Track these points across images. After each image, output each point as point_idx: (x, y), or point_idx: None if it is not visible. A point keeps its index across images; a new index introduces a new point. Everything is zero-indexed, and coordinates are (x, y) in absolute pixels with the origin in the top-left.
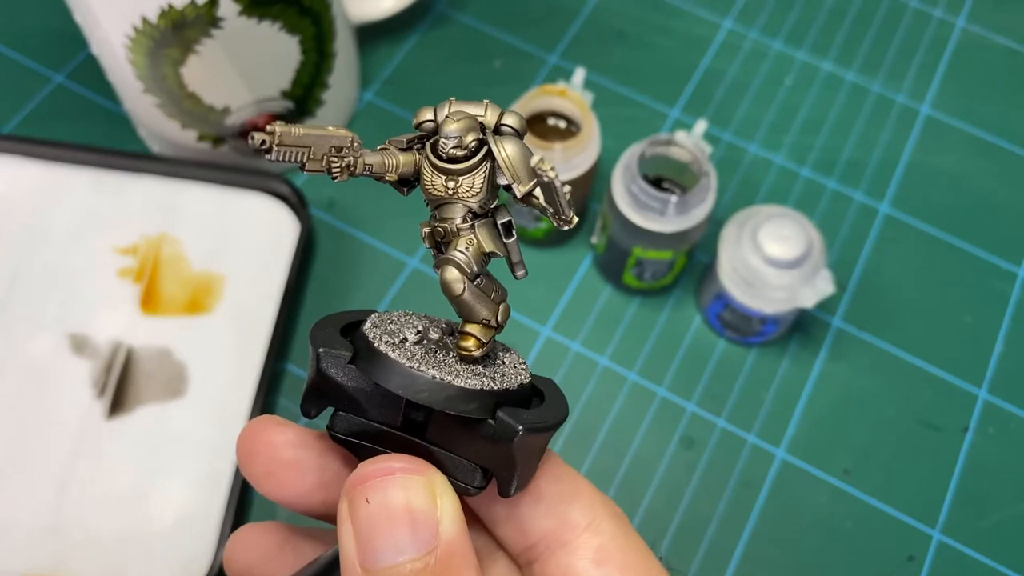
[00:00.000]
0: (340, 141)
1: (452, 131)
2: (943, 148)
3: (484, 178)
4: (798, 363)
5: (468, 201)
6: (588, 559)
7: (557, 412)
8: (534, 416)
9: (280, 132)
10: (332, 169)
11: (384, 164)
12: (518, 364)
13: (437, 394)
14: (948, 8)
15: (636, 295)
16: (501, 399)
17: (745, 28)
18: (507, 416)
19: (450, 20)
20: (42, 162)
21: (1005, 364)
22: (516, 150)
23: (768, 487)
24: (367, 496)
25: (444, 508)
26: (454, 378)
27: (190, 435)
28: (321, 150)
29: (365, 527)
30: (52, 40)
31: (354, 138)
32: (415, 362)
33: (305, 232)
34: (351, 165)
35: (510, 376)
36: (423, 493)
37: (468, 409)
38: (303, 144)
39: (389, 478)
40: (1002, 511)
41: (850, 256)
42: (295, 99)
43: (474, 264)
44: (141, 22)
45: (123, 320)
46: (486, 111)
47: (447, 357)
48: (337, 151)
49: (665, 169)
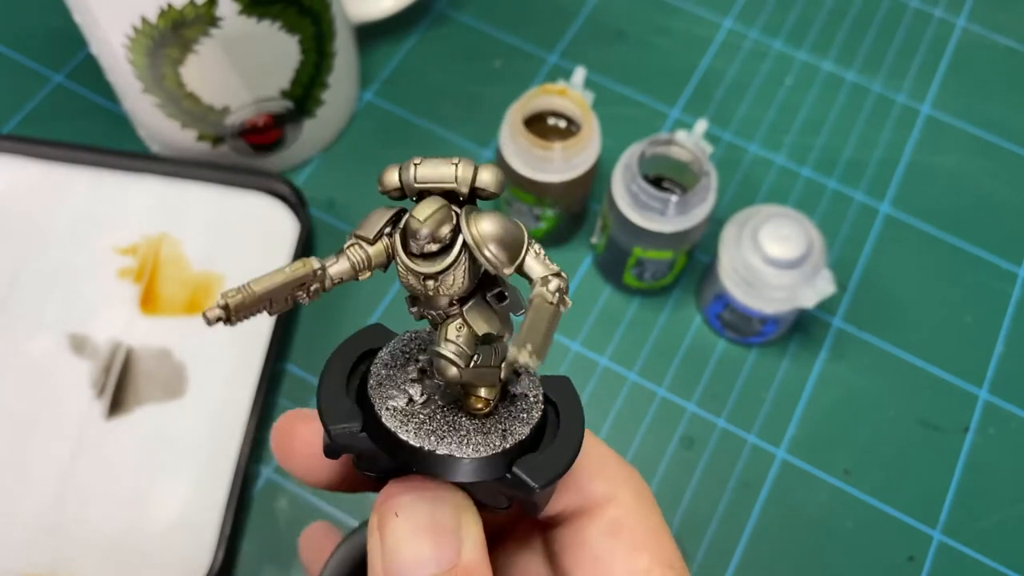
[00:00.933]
0: (300, 279)
1: (421, 231)
2: (944, 148)
3: (464, 271)
4: (798, 363)
5: (451, 293)
6: (602, 530)
7: (572, 444)
8: (547, 464)
9: (233, 304)
10: (299, 302)
11: (352, 268)
12: (530, 390)
13: (450, 469)
14: (948, 8)
15: (636, 295)
16: (515, 455)
17: (745, 28)
18: (522, 473)
19: (450, 20)
20: (41, 162)
21: (1005, 364)
22: (493, 230)
23: (768, 487)
24: (396, 510)
25: (467, 531)
26: (466, 447)
27: (189, 435)
28: (283, 294)
29: (392, 540)
30: (51, 40)
31: (316, 269)
32: (422, 437)
33: (305, 232)
34: (319, 289)
35: (520, 419)
36: (449, 513)
37: (482, 476)
38: (261, 302)
39: (418, 494)
40: (1002, 511)
41: (850, 256)
42: (294, 99)
43: (467, 350)
44: (140, 22)
45: (123, 320)
46: (457, 171)
47: (456, 414)
48: (301, 286)
49: (665, 169)
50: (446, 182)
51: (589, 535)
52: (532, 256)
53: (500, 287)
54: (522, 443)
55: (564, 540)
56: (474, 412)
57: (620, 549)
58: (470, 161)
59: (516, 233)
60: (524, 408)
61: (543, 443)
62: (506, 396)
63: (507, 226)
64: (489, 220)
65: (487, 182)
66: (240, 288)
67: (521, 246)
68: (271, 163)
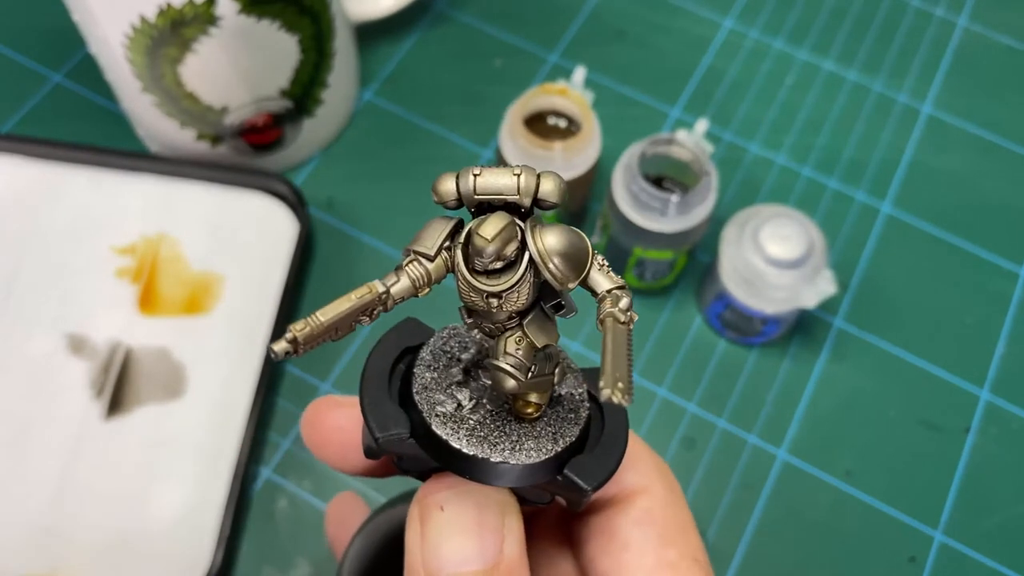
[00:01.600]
0: (367, 306)
1: (489, 252)
2: (945, 148)
3: (530, 286)
4: (799, 363)
5: (514, 308)
6: (633, 519)
7: (619, 442)
8: (596, 466)
9: (302, 338)
10: (361, 325)
11: (413, 288)
12: (575, 390)
13: (504, 476)
14: (949, 7)
15: (636, 295)
16: (565, 457)
17: (746, 27)
18: (575, 476)
19: (450, 19)
20: (40, 161)
21: (1007, 364)
22: (558, 245)
23: (769, 488)
24: (442, 504)
25: (510, 528)
26: (519, 455)
27: (189, 435)
28: (348, 322)
29: (435, 534)
30: (50, 39)
31: (381, 293)
32: (474, 444)
33: (304, 232)
34: (385, 308)
35: (569, 416)
36: (494, 510)
37: (535, 480)
38: (328, 332)
39: (463, 490)
40: (1004, 512)
41: (851, 256)
42: (294, 98)
43: (527, 363)
44: (139, 21)
45: (121, 320)
46: (520, 181)
47: (506, 421)
48: (364, 312)
49: (666, 168)
50: (508, 193)
51: (620, 524)
52: (596, 269)
53: (559, 297)
54: (572, 444)
55: (593, 528)
56: (524, 417)
57: (650, 539)
58: (532, 170)
59: (581, 246)
60: (571, 408)
61: (589, 441)
62: (552, 397)
63: (572, 239)
64: (554, 234)
65: (549, 192)
66: (307, 320)
67: (586, 260)
68: (270, 163)
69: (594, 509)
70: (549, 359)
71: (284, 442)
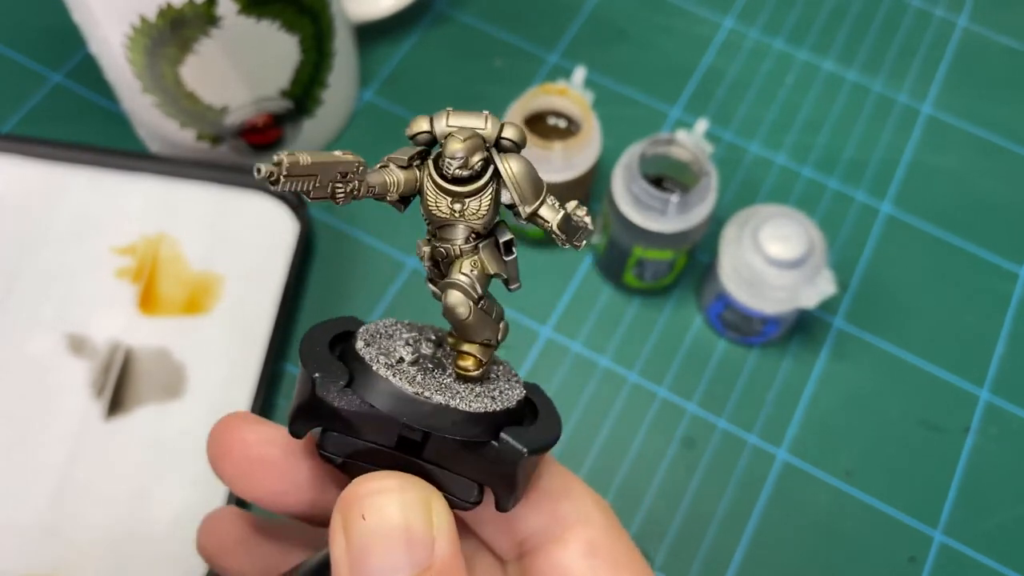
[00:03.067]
0: (347, 167)
1: (457, 151)
2: (945, 148)
3: (491, 199)
4: (799, 363)
5: (473, 223)
6: (578, 552)
7: (553, 427)
8: (535, 435)
9: (288, 163)
10: (336, 195)
11: (386, 184)
12: (511, 377)
13: (443, 420)
14: (949, 7)
15: (636, 295)
16: (502, 420)
17: (746, 27)
18: (511, 438)
19: (450, 19)
20: (40, 162)
21: (1007, 364)
22: (522, 169)
23: (769, 488)
24: (363, 513)
25: (439, 526)
26: (458, 402)
27: (189, 435)
28: (327, 177)
29: (360, 544)
30: (50, 39)
31: (360, 162)
32: (416, 386)
33: (304, 232)
34: (355, 190)
35: (506, 393)
36: (420, 511)
37: (473, 433)
38: (310, 173)
39: (387, 495)
40: (1004, 512)
41: (851, 256)
42: (294, 98)
43: (478, 286)
44: (139, 21)
45: (121, 320)
46: (486, 123)
47: (444, 376)
48: (343, 176)
49: (666, 168)
50: (477, 129)
51: (565, 558)
52: (548, 205)
53: (511, 235)
54: (510, 411)
55: (537, 568)
56: (464, 374)
57: (600, 570)
58: (496, 118)
59: (539, 178)
60: (507, 389)
61: (525, 425)
62: (489, 378)
63: (532, 170)
64: (518, 159)
65: (512, 136)
66: (294, 152)
67: (542, 190)
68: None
69: (535, 548)
70: (495, 307)
71: None
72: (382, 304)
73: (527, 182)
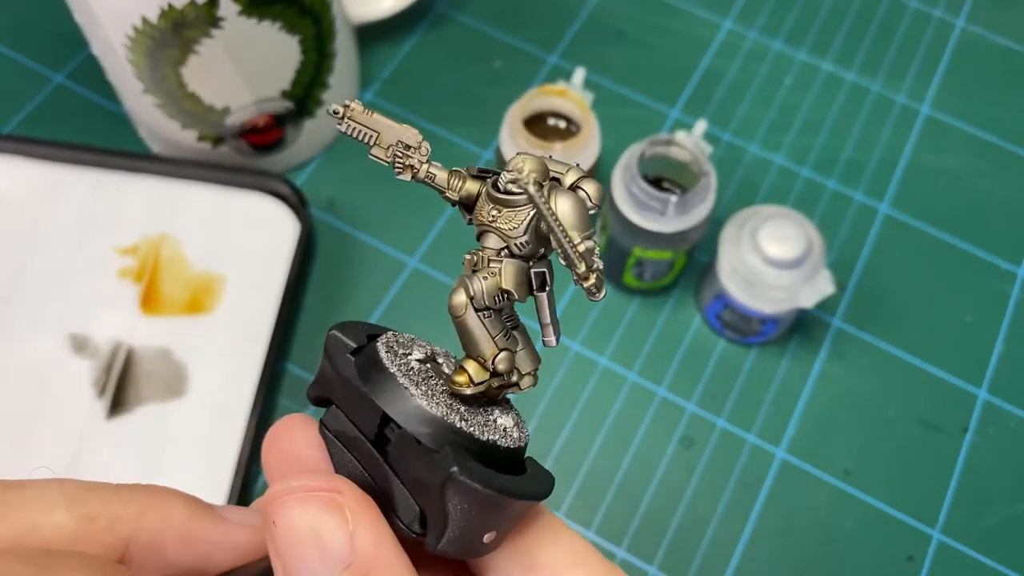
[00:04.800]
0: (408, 139)
1: (515, 164)
2: (943, 148)
3: (527, 218)
4: (798, 363)
5: (507, 235)
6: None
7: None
8: (488, 472)
9: (354, 108)
10: (396, 163)
11: (447, 181)
12: (511, 429)
13: (398, 404)
14: (948, 8)
15: (636, 295)
16: (461, 440)
17: (745, 28)
18: (452, 454)
19: (450, 20)
20: (42, 162)
21: (1005, 364)
22: (570, 205)
23: (768, 487)
24: (274, 519)
25: (357, 519)
26: (426, 401)
27: (190, 435)
28: (388, 140)
29: (279, 550)
30: (52, 40)
31: (423, 143)
32: (405, 378)
33: (305, 232)
34: (415, 168)
35: (491, 432)
36: (326, 510)
37: (419, 431)
38: (372, 127)
39: (289, 499)
40: (1002, 511)
41: (850, 256)
42: (295, 99)
43: (485, 294)
44: (141, 22)
45: (123, 320)
46: (567, 172)
47: (439, 387)
48: (405, 147)
49: (665, 169)
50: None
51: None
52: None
53: (545, 270)
54: (473, 440)
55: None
56: (455, 388)
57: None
58: (582, 171)
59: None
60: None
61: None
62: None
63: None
64: (571, 200)
65: (588, 187)
66: (365, 105)
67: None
68: (271, 163)
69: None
70: (504, 327)
71: None
72: (382, 304)
73: (570, 216)
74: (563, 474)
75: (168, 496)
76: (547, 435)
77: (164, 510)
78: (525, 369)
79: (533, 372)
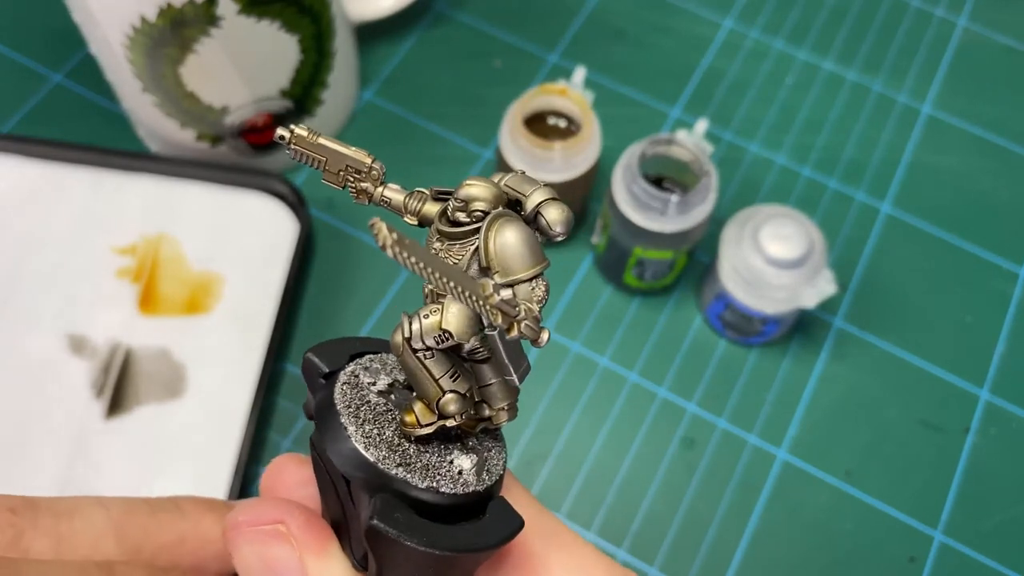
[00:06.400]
0: (356, 164)
1: (462, 194)
2: (944, 148)
3: (472, 254)
4: (799, 363)
5: None
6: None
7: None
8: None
9: (298, 134)
10: (348, 187)
11: (402, 204)
12: (468, 472)
13: (336, 444)
14: (949, 7)
15: (636, 295)
16: (397, 487)
17: (746, 27)
18: (377, 503)
19: (450, 19)
20: (40, 162)
21: (1007, 364)
22: (511, 241)
23: (769, 488)
24: (230, 550)
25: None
26: (363, 444)
27: (189, 435)
28: (336, 165)
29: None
30: (51, 39)
31: (375, 166)
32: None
33: (304, 232)
34: (368, 192)
35: (438, 478)
36: (271, 543)
37: (353, 475)
38: (318, 153)
39: (234, 535)
40: (1004, 512)
41: (851, 256)
42: (294, 98)
43: (423, 334)
44: (140, 21)
45: (122, 320)
46: (532, 192)
47: (391, 424)
48: (356, 172)
49: (666, 169)
50: (522, 194)
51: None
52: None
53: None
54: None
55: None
56: (405, 430)
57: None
58: (551, 191)
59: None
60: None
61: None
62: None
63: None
64: (518, 231)
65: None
66: (311, 128)
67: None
68: (271, 163)
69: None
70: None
71: (284, 442)
72: (382, 304)
73: (507, 254)
74: (563, 475)
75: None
76: (547, 436)
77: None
78: (497, 404)
79: (507, 407)
